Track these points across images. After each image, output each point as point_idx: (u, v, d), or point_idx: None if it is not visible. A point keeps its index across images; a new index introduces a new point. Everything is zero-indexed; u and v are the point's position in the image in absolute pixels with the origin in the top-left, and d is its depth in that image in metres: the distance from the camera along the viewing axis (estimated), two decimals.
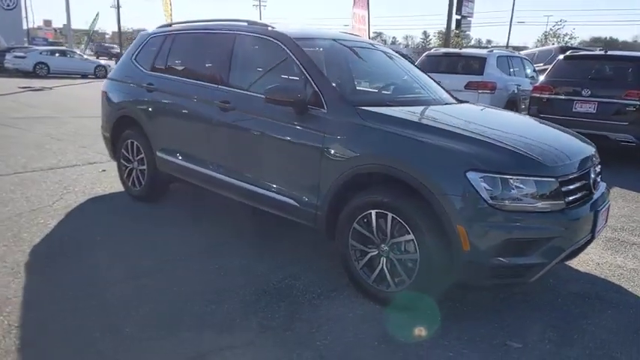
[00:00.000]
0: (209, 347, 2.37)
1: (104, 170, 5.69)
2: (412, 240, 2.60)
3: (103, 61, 24.90)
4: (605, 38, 65.84)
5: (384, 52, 4.11)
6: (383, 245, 2.76)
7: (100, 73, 23.04)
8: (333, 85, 3.11)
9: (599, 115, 6.77)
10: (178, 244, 3.61)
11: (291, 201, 3.17)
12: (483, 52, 9.12)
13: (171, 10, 24.20)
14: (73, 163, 5.97)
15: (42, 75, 21.34)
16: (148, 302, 2.76)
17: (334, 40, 3.77)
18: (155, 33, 4.52)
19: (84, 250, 3.44)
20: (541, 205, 2.45)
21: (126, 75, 4.62)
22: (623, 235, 4.18)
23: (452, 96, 3.83)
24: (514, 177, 2.42)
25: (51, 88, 16.22)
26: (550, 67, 7.89)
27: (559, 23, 21.75)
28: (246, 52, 3.63)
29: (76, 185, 5.00)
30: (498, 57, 8.75)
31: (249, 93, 3.43)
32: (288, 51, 3.28)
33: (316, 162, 2.97)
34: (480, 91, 8.03)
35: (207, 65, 3.85)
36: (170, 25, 4.53)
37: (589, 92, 6.87)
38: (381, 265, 2.78)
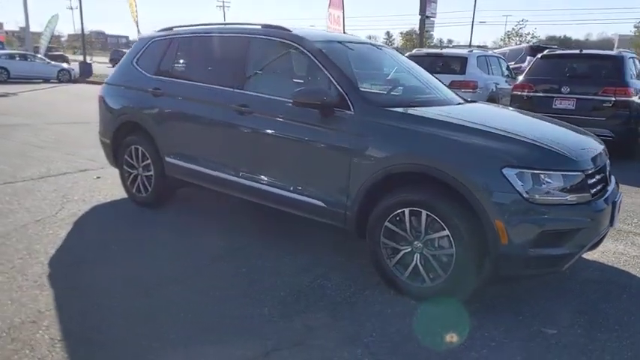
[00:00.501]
0: (259, 350, 2.39)
1: (98, 177, 5.56)
2: (447, 236, 2.70)
3: (65, 65, 24.07)
4: (560, 37, 68.49)
5: (391, 54, 4.21)
6: (416, 242, 2.84)
7: (63, 77, 22.30)
8: (358, 86, 3.17)
9: (578, 112, 7.10)
10: (199, 249, 3.59)
11: (318, 202, 3.21)
12: (464, 52, 9.38)
13: (136, 13, 23.74)
14: (63, 171, 5.80)
15: (1, 80, 20.45)
16: (186, 308, 2.74)
17: (348, 42, 3.83)
18: (157, 37, 4.46)
19: (104, 260, 3.38)
20: (570, 197, 2.59)
21: (127, 80, 4.54)
22: (621, 226, 4.42)
23: (459, 95, 3.96)
24: (546, 172, 2.55)
25: (16, 94, 15.59)
26: (525, 65, 8.19)
27: (521, 23, 22.48)
28: (264, 56, 3.64)
29: (74, 194, 4.87)
30: (478, 57, 9.03)
31: (269, 96, 3.44)
32: (309, 54, 3.32)
33: (345, 163, 3.02)
34: (462, 90, 8.26)
35: (220, 69, 3.83)
36: (171, 29, 4.48)
37: (568, 89, 7.19)
38: (414, 261, 2.86)
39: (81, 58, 29.29)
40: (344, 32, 14.31)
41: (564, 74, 7.38)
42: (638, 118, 7.05)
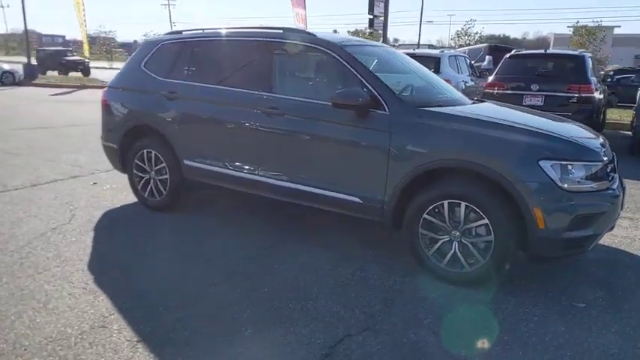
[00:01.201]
0: (333, 336, 2.54)
1: (95, 183, 5.45)
2: (486, 224, 2.95)
3: (6, 66, 22.71)
4: (499, 36, 71.87)
5: (401, 55, 4.43)
6: (454, 231, 3.08)
7: (7, 79, 21.06)
8: (389, 87, 3.37)
9: (547, 107, 7.63)
10: (231, 250, 3.67)
11: (354, 198, 3.39)
12: (436, 52, 9.82)
13: (84, 12, 22.91)
14: (53, 178, 5.63)
15: None
16: (246, 305, 2.84)
17: (367, 45, 4.02)
18: (167, 40, 4.46)
19: (143, 263, 3.40)
20: (595, 185, 2.92)
21: (135, 83, 4.51)
22: None
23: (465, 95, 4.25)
24: (575, 163, 2.86)
25: None
26: (485, 64, 8.67)
27: (469, 22, 23.51)
28: (291, 60, 3.76)
29: (78, 201, 4.77)
30: (449, 56, 9.50)
31: (300, 99, 3.58)
32: (339, 58, 3.48)
33: (383, 160, 3.22)
34: None
35: (243, 72, 3.91)
36: (181, 32, 4.50)
37: (537, 87, 7.74)
38: (453, 249, 3.10)
39: (17, 59, 27.73)
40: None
41: (532, 73, 7.93)
42: (599, 113, 7.70)
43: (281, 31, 3.85)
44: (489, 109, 3.70)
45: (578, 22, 23.95)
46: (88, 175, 5.84)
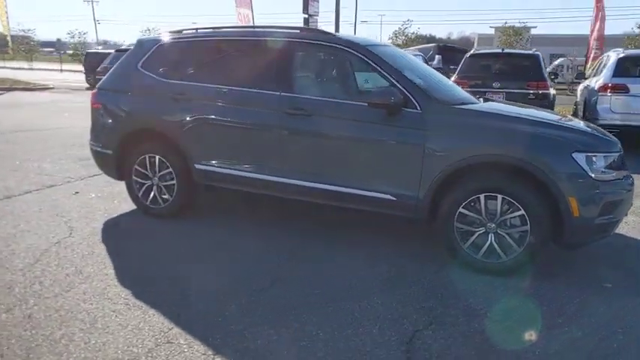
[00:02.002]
0: (404, 333, 2.57)
1: (77, 192, 5.10)
2: (522, 215, 3.12)
3: None
4: (426, 35, 74.80)
5: (410, 55, 4.54)
6: (490, 224, 3.23)
7: None
8: (418, 85, 3.45)
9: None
10: (259, 253, 3.59)
11: (387, 196, 3.43)
12: None
13: (6, 13, 21.32)
14: (25, 189, 5.19)
15: None
16: (305, 309, 2.80)
17: (384, 46, 4.07)
18: (167, 40, 4.26)
19: (176, 273, 3.23)
20: (616, 174, 3.17)
21: (133, 85, 4.27)
22: None
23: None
24: (602, 154, 3.10)
25: None
26: (435, 64, 8.99)
27: (406, 23, 24.40)
28: (311, 60, 3.74)
29: (68, 212, 4.43)
30: (413, 56, 9.80)
31: (329, 99, 3.57)
32: (364, 58, 3.52)
33: (418, 158, 3.29)
34: None
35: (261, 73, 3.81)
36: (181, 32, 4.31)
37: (498, 84, 8.20)
38: (489, 241, 3.24)
39: None
40: None
41: (493, 71, 8.38)
42: (552, 108, 8.30)
43: (298, 31, 3.81)
44: (507, 107, 3.89)
45: (506, 22, 25.59)
46: (64, 183, 5.44)
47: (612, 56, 7.99)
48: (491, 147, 3.18)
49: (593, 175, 3.03)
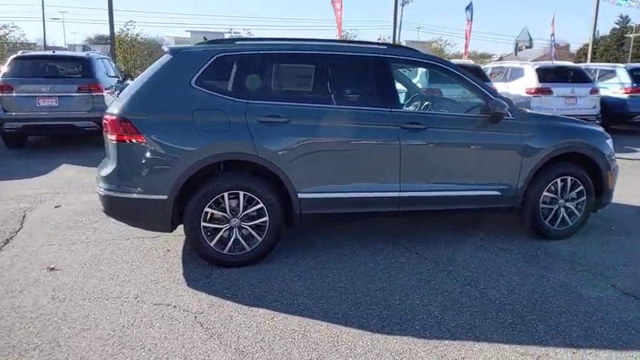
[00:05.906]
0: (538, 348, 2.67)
1: (58, 206, 4.75)
2: (581, 190, 4.21)
3: None
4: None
5: None
6: (561, 200, 4.20)
7: None
8: (503, 96, 4.09)
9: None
10: (367, 281, 3.40)
11: (494, 192, 3.98)
12: (82, 54, 9.40)
13: None
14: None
15: None
16: (457, 313, 2.96)
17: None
18: (227, 52, 3.54)
19: (251, 291, 3.03)
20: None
21: (191, 107, 3.36)
22: None
23: None
24: (609, 140, 4.47)
25: None
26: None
27: (129, 24, 22.79)
28: (407, 76, 3.83)
29: (70, 231, 3.15)
30: (98, 59, 8.84)
31: (443, 113, 3.82)
32: (459, 74, 3.92)
33: (518, 156, 3.96)
34: None
35: (359, 90, 3.72)
36: (233, 41, 3.61)
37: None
38: (561, 213, 4.22)
39: None
40: None
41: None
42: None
43: (385, 47, 3.85)
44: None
45: (231, 29, 27.06)
46: (34, 203, 3.66)
47: None
48: (568, 142, 4.12)
49: (613, 157, 4.38)
